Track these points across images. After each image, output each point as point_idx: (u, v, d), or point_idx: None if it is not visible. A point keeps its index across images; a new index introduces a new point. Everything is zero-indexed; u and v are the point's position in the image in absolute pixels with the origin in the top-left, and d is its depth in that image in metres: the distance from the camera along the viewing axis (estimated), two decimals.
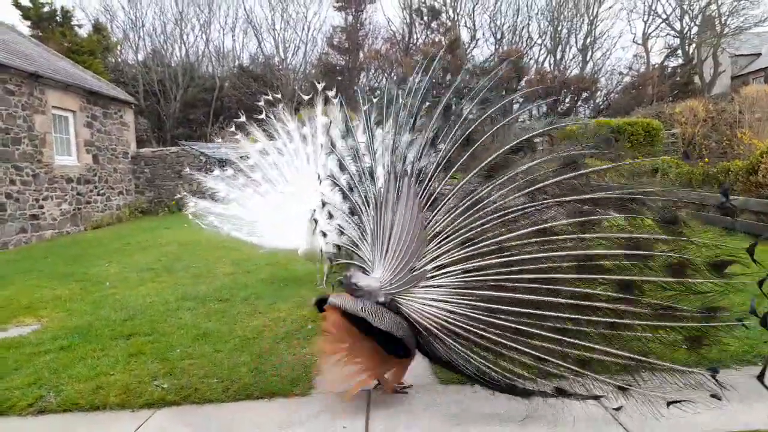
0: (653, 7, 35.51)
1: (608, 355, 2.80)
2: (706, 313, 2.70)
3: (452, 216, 3.24)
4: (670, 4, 35.62)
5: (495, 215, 3.13)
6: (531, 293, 2.94)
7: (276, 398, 3.53)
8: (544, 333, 2.88)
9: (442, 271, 3.15)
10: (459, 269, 3.11)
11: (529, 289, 2.95)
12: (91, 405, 3.56)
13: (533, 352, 2.89)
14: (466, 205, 3.22)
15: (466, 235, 3.15)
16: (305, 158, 6.40)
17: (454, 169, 3.45)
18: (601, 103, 36.49)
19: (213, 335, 4.73)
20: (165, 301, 5.99)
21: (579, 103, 36.25)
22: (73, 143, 14.97)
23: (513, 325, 2.91)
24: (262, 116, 6.73)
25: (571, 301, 2.87)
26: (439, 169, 3.45)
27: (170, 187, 17.74)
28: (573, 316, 2.87)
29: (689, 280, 2.74)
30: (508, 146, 3.29)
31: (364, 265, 3.46)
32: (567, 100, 35.47)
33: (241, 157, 6.67)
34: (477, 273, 3.06)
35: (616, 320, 2.80)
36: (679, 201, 2.95)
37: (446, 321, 3.05)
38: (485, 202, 3.19)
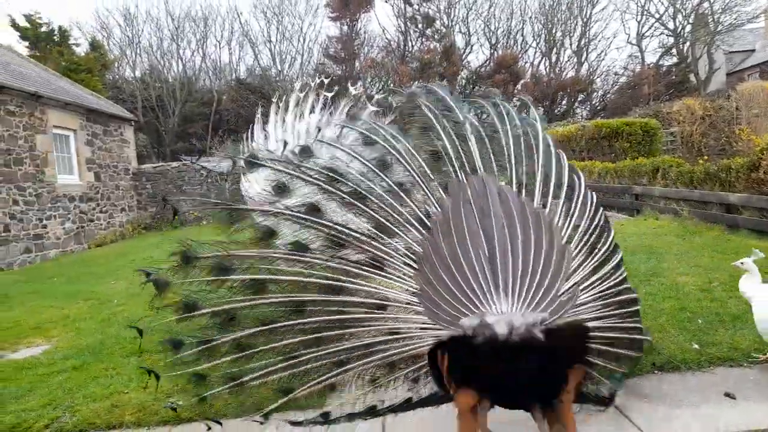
0: (646, 7, 35.71)
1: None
2: None
3: None
4: (662, 4, 35.71)
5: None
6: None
7: None
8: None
9: None
10: None
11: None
12: (108, 424, 3.58)
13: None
14: None
15: None
16: None
17: None
18: (597, 104, 36.64)
19: None
20: None
21: (576, 105, 36.44)
22: (74, 162, 15.05)
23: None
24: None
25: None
26: None
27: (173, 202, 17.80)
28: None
29: None
30: None
31: None
32: (564, 102, 35.65)
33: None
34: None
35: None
36: None
37: None
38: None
